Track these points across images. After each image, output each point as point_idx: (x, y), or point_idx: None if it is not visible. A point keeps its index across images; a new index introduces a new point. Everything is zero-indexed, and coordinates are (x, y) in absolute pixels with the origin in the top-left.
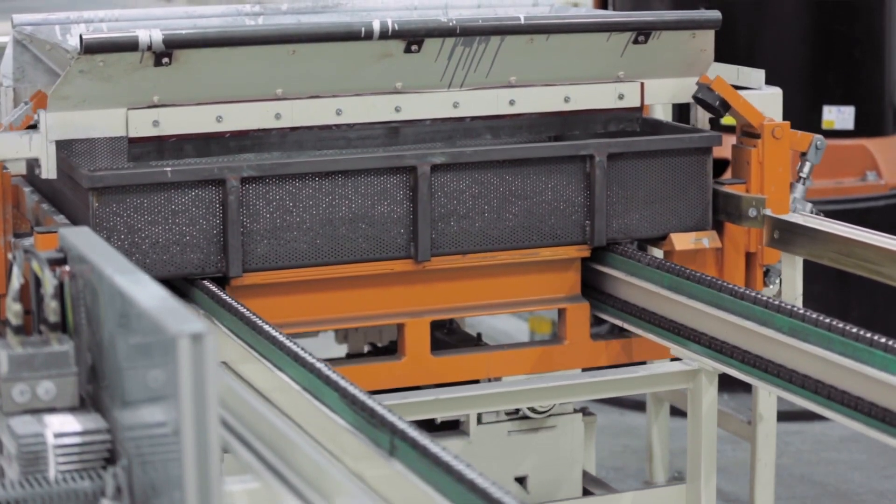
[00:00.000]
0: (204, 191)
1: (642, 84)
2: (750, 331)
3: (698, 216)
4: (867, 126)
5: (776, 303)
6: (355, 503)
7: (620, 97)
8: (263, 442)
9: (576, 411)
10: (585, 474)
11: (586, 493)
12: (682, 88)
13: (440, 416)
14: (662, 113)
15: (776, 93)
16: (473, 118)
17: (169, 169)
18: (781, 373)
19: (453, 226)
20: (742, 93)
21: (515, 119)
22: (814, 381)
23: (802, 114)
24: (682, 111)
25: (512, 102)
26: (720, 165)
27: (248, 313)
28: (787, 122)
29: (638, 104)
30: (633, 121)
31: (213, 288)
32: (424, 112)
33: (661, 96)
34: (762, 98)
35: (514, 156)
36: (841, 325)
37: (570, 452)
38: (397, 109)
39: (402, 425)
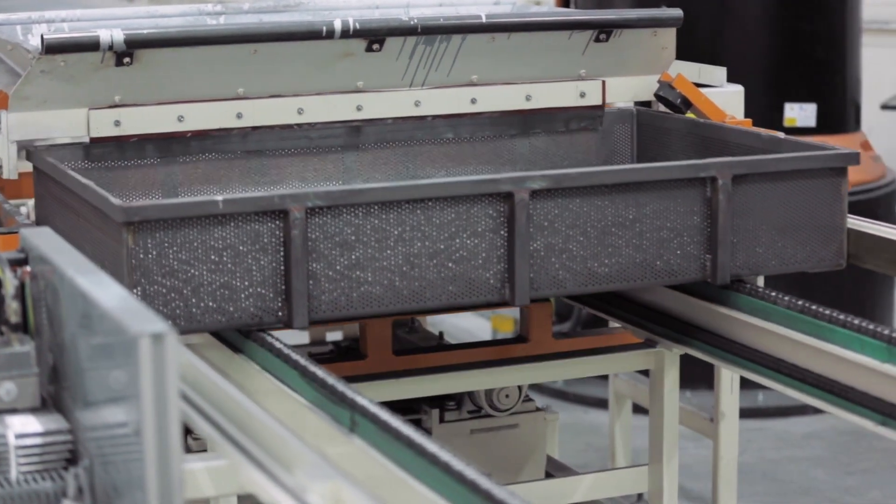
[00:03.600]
0: (262, 224)
1: (604, 82)
2: None
3: (833, 249)
4: (829, 123)
5: None
6: (318, 473)
7: (582, 95)
8: (226, 417)
9: (538, 410)
10: (549, 459)
11: (549, 476)
12: (644, 86)
13: (399, 396)
14: None
15: (738, 90)
16: (435, 117)
17: (220, 198)
18: None
19: (554, 262)
20: (704, 90)
21: (477, 118)
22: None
23: (764, 111)
24: None
25: (473, 101)
26: None
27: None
28: (749, 120)
29: (599, 102)
30: (596, 119)
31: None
32: (386, 111)
33: (623, 94)
34: (724, 95)
35: (624, 178)
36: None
37: (532, 450)
38: (359, 109)
39: (362, 401)
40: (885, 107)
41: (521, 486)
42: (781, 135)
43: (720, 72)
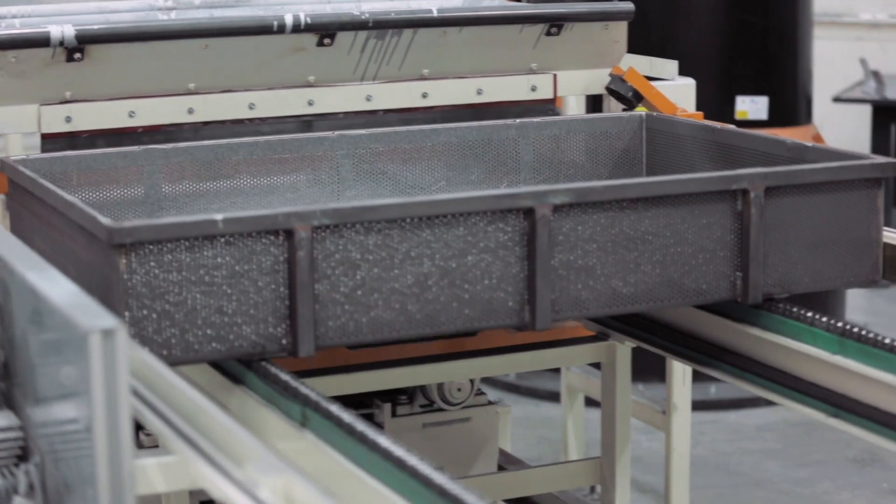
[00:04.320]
0: (264, 245)
1: (555, 76)
2: None
3: (869, 264)
4: (781, 116)
5: None
6: (269, 468)
7: (533, 89)
8: (177, 413)
9: (490, 403)
10: (502, 452)
11: (501, 469)
12: (595, 80)
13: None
14: (576, 105)
15: (689, 83)
16: (386, 111)
17: (220, 217)
18: None
19: (576, 283)
20: (655, 84)
21: (428, 112)
22: None
23: (716, 104)
24: (595, 103)
25: (425, 95)
26: None
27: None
28: (701, 113)
29: (551, 96)
30: (546, 112)
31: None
32: (337, 105)
33: (574, 88)
34: (675, 89)
35: (651, 192)
36: None
37: (484, 444)
38: (310, 103)
39: (313, 396)
40: (837, 99)
41: (474, 479)
42: (808, 143)
43: (671, 65)
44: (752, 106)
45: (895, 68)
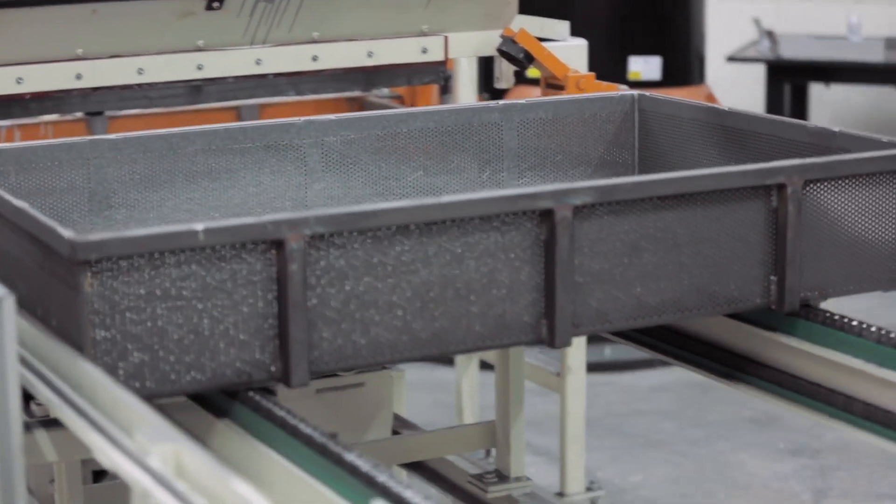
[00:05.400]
0: (252, 258)
1: (446, 38)
2: None
3: None
4: (674, 76)
5: None
6: (159, 436)
7: (424, 51)
8: (67, 383)
9: (384, 367)
10: (396, 417)
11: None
12: (486, 41)
13: None
14: (468, 67)
15: (581, 44)
16: (277, 75)
17: (201, 227)
18: None
19: (597, 293)
20: (546, 45)
21: (318, 75)
22: None
23: (609, 65)
24: (487, 65)
25: (315, 58)
26: None
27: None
28: (592, 74)
29: (442, 58)
30: (438, 74)
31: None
32: (227, 70)
33: (465, 50)
34: (567, 50)
35: (681, 188)
36: None
37: (379, 408)
38: (199, 68)
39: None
40: (731, 59)
41: (369, 444)
42: (834, 128)
43: (563, 26)
44: (644, 66)
45: (789, 28)
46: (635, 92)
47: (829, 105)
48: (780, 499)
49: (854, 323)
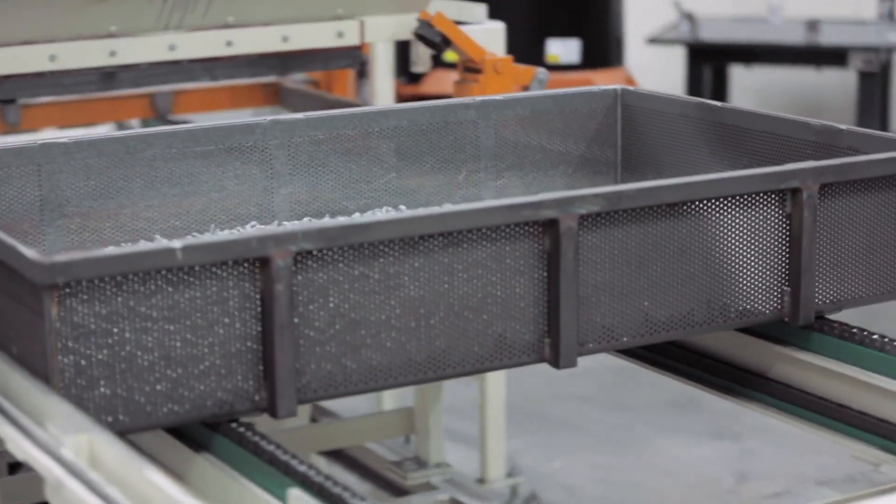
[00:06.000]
0: (234, 278)
1: (362, 22)
2: None
3: None
4: (593, 59)
5: None
6: (72, 426)
7: (340, 35)
8: None
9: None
10: (314, 405)
11: (314, 421)
12: (403, 25)
13: None
14: (384, 51)
15: (499, 27)
16: (191, 61)
17: (178, 245)
18: None
19: (604, 309)
20: (464, 28)
21: (233, 61)
22: None
23: (527, 48)
24: (403, 49)
25: (229, 44)
26: None
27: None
28: (510, 57)
29: (358, 42)
30: (354, 59)
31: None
32: (140, 56)
33: (382, 34)
34: (485, 33)
35: (688, 195)
36: None
37: None
38: (112, 54)
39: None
40: (651, 41)
41: (287, 432)
42: (841, 125)
43: (480, 9)
44: (563, 49)
45: (709, 10)
46: (618, 86)
47: (749, 88)
48: (703, 482)
49: (875, 336)
